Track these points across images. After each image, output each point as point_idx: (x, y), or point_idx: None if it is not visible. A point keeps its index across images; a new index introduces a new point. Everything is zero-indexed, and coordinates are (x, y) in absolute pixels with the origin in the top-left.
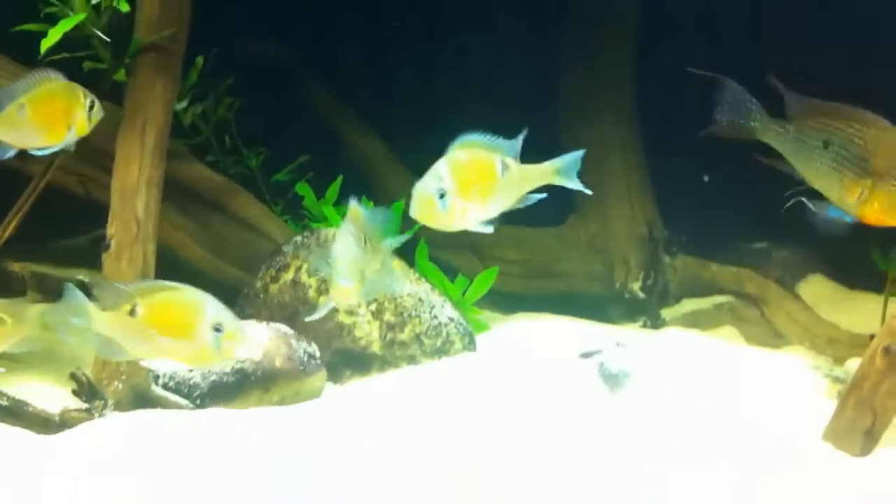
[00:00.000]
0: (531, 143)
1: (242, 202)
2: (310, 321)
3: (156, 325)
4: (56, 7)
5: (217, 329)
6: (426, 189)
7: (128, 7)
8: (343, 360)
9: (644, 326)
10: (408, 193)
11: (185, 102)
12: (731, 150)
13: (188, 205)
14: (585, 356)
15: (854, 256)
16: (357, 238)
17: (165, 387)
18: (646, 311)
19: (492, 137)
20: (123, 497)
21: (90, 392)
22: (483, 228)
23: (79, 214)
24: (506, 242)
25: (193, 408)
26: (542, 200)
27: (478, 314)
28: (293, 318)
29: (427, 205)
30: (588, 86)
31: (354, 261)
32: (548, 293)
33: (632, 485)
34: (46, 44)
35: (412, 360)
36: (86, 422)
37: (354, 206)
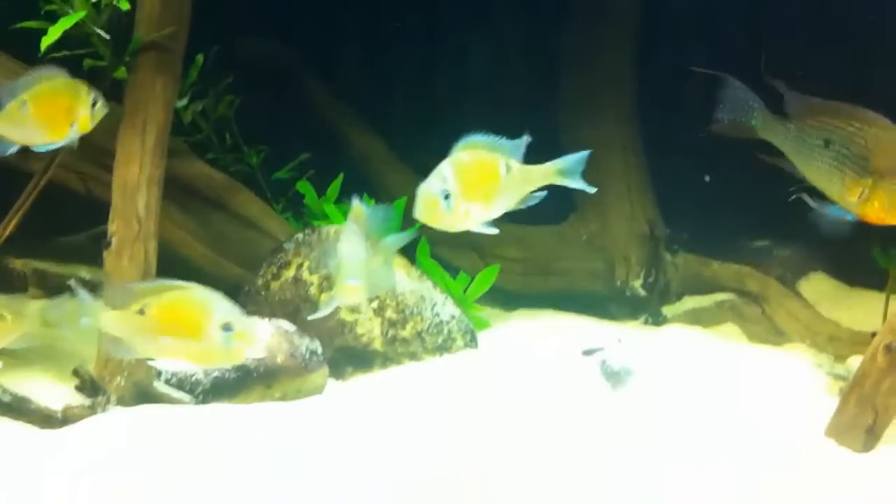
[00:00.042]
0: (532, 143)
1: (243, 200)
2: (312, 319)
3: (165, 325)
4: (56, 5)
5: (226, 328)
6: (431, 190)
7: (128, 5)
8: (345, 357)
9: (645, 324)
10: (409, 192)
11: (186, 100)
12: (733, 149)
13: (189, 203)
14: (587, 353)
15: (855, 254)
16: (362, 237)
17: (168, 383)
18: (647, 309)
19: (495, 138)
20: (126, 493)
21: (93, 388)
22: (487, 230)
23: (79, 211)
24: (507, 240)
25: (196, 404)
26: (543, 199)
27: (479, 311)
28: (294, 316)
29: (431, 206)
30: (588, 85)
31: (361, 260)
32: (549, 291)
33: (634, 482)
34: (47, 41)
35: (414, 357)
36: (88, 418)
37: (358, 205)
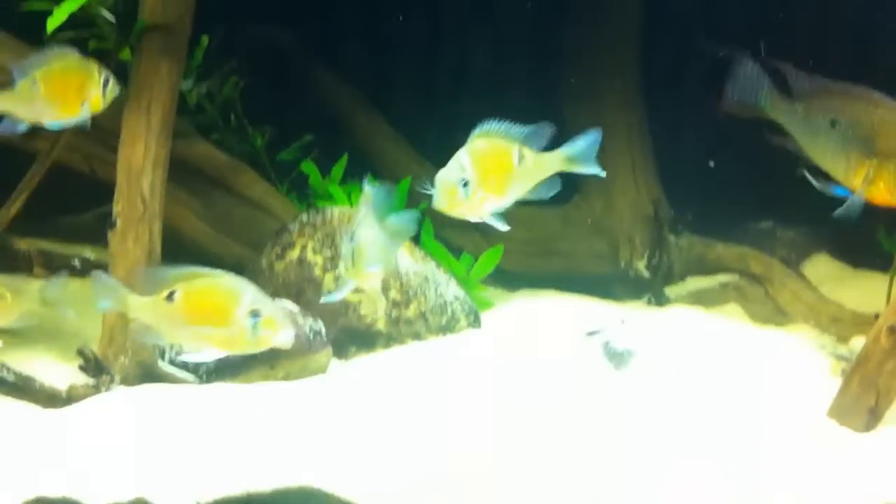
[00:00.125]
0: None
1: (247, 180)
2: (316, 301)
3: (193, 312)
4: None
5: (255, 315)
6: (449, 178)
7: None
8: (348, 337)
9: (649, 304)
10: (413, 173)
11: (191, 82)
12: (737, 131)
13: (193, 183)
14: (591, 334)
15: (859, 236)
16: (377, 221)
17: (171, 362)
18: (650, 290)
19: (509, 125)
20: (130, 471)
21: (97, 367)
22: (499, 225)
23: (83, 191)
24: (510, 221)
25: (199, 383)
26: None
27: (483, 292)
28: (299, 296)
29: (450, 194)
30: (593, 67)
31: (379, 246)
32: (552, 271)
33: (637, 461)
34: (53, 23)
35: (417, 337)
36: (92, 397)
37: (369, 189)
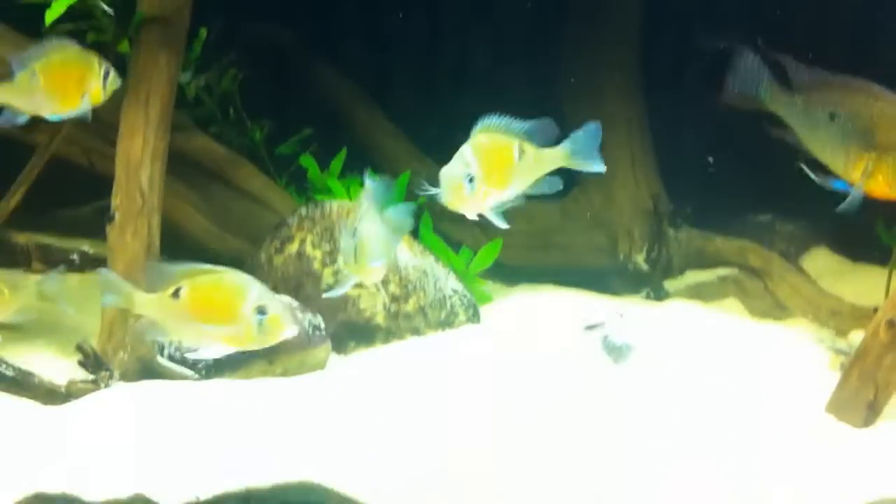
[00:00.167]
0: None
1: (246, 174)
2: (315, 295)
3: (200, 308)
4: None
5: (261, 312)
6: (455, 174)
7: None
8: (347, 332)
9: (647, 298)
10: (412, 167)
11: (189, 75)
12: (737, 124)
13: (192, 177)
14: (589, 328)
15: (858, 230)
16: (379, 216)
17: (171, 358)
18: (649, 284)
19: (510, 121)
20: (129, 467)
21: (96, 363)
22: (499, 222)
23: (81, 184)
24: (509, 215)
25: (198, 379)
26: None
27: (482, 286)
28: (298, 290)
29: (456, 189)
30: (592, 61)
31: (382, 241)
32: (551, 265)
33: (637, 455)
34: (51, 15)
35: (416, 332)
36: (92, 393)
37: (370, 185)
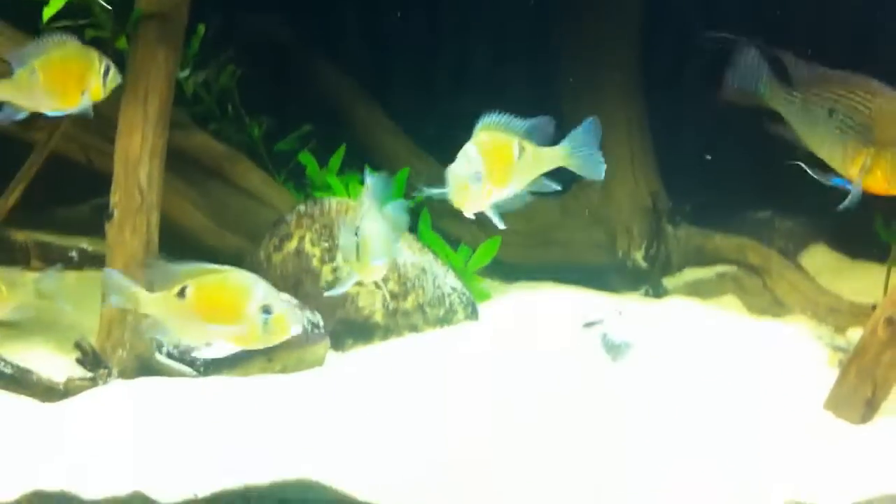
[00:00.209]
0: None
1: (244, 170)
2: (314, 293)
3: (205, 308)
4: None
5: (266, 311)
6: (462, 173)
7: None
8: (346, 329)
9: (646, 295)
10: (411, 163)
11: (188, 71)
12: (737, 120)
13: (190, 174)
14: (588, 326)
15: (857, 227)
16: (381, 214)
17: (169, 356)
18: (648, 281)
19: (509, 119)
20: (128, 464)
21: (94, 361)
22: (497, 221)
23: (80, 182)
24: (508, 212)
25: (197, 376)
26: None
27: (480, 283)
28: (296, 288)
29: (463, 188)
30: (592, 59)
31: (384, 239)
32: (550, 262)
33: (636, 453)
34: (49, 11)
35: (415, 329)
36: (90, 390)
37: (371, 182)
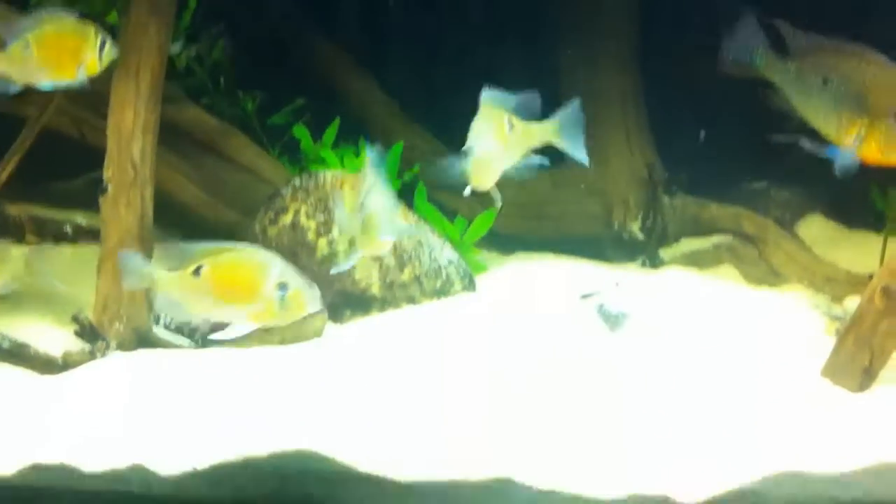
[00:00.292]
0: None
1: (238, 144)
2: (310, 265)
3: (222, 286)
4: None
5: (282, 288)
6: (486, 156)
7: None
8: (343, 301)
9: (643, 266)
10: (405, 138)
11: (180, 45)
12: (733, 90)
13: (184, 148)
14: (585, 297)
15: (853, 196)
16: (387, 188)
17: (167, 328)
18: (644, 252)
19: (506, 94)
20: (127, 435)
21: (92, 334)
22: (497, 198)
23: (73, 156)
24: (504, 184)
25: (195, 348)
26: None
27: (477, 255)
28: (293, 261)
29: (488, 167)
30: (588, 32)
31: (390, 213)
32: (546, 234)
33: (633, 423)
34: None
35: (412, 301)
36: (88, 363)
37: (372, 155)
